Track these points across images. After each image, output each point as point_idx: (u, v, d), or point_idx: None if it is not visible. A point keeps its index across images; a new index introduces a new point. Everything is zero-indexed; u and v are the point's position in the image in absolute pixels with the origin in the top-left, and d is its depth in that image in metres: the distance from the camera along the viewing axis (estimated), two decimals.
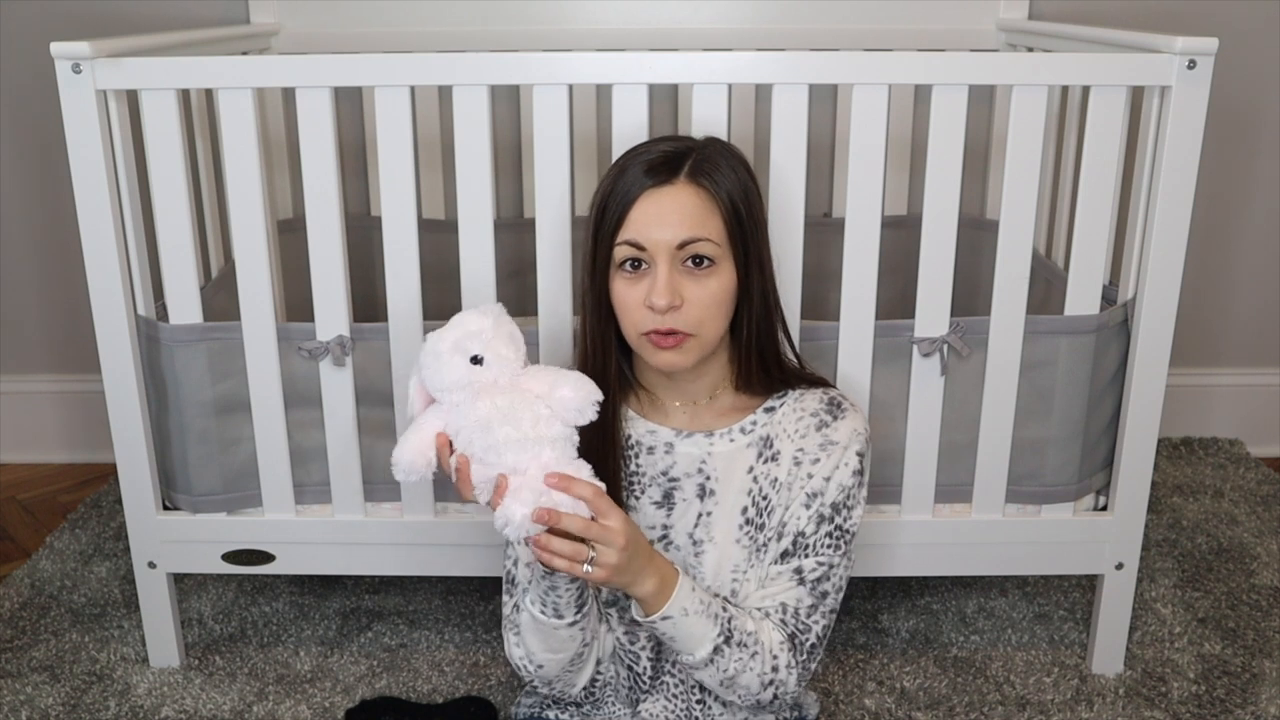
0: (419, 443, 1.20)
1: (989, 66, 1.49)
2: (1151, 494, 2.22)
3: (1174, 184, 1.52)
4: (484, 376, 1.18)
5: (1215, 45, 1.45)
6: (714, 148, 1.27)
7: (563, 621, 1.26)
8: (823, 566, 1.30)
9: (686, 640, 1.24)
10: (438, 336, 1.21)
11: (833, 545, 1.31)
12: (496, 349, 1.18)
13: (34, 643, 1.86)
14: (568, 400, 1.17)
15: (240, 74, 1.48)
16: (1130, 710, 1.69)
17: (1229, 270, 2.49)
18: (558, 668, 1.32)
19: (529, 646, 1.31)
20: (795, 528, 1.30)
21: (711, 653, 1.24)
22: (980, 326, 1.58)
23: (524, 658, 1.33)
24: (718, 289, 1.24)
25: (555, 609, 1.25)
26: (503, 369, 1.19)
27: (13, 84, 2.31)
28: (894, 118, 2.09)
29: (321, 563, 1.73)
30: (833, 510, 1.30)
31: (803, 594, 1.30)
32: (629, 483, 1.35)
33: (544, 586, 1.24)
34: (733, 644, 1.25)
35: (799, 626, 1.30)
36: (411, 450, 1.20)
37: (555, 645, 1.29)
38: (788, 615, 1.30)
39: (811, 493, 1.30)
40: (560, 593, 1.24)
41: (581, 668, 1.34)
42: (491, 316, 1.21)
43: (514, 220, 2.27)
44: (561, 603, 1.25)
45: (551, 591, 1.24)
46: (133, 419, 1.63)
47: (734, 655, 1.25)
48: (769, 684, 1.28)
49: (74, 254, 2.31)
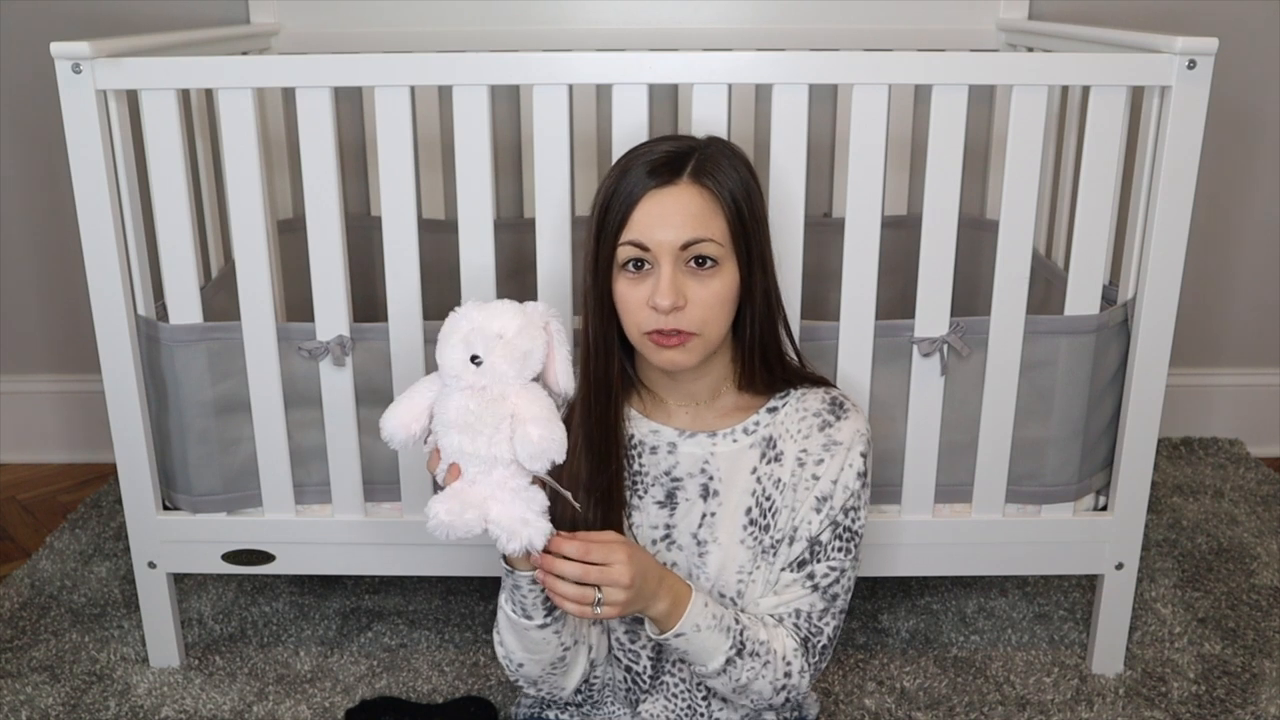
0: (408, 410, 1.20)
1: (989, 66, 1.49)
2: (1151, 494, 2.22)
3: (1174, 184, 1.52)
4: (474, 379, 1.17)
5: (1215, 45, 1.45)
6: (716, 147, 1.27)
7: (532, 622, 1.26)
8: (834, 571, 1.31)
9: (699, 654, 1.25)
10: (462, 315, 1.19)
11: (842, 549, 1.31)
12: (495, 360, 1.17)
13: (34, 643, 1.86)
14: (531, 437, 1.14)
15: (240, 74, 1.48)
16: (1130, 710, 1.69)
17: (1229, 270, 2.49)
18: (538, 669, 1.32)
19: (508, 645, 1.32)
20: (807, 533, 1.31)
21: (724, 664, 1.25)
22: (980, 326, 1.58)
23: (505, 656, 1.33)
24: (721, 289, 1.24)
25: (522, 609, 1.25)
26: (494, 379, 1.17)
27: (13, 84, 2.31)
28: (894, 118, 2.09)
29: (321, 563, 1.73)
30: (842, 513, 1.31)
31: (815, 599, 1.31)
32: (632, 482, 1.35)
33: (509, 585, 1.25)
34: (745, 654, 1.26)
35: (811, 630, 1.31)
36: (399, 416, 1.20)
37: (530, 646, 1.29)
38: (801, 620, 1.31)
39: (820, 496, 1.30)
40: (524, 592, 1.24)
41: (566, 671, 1.34)
42: (517, 324, 1.18)
43: (514, 220, 2.27)
44: (527, 603, 1.25)
45: (516, 590, 1.25)
46: (133, 419, 1.63)
47: (747, 665, 1.26)
48: (781, 689, 1.29)
49: (74, 254, 2.31)
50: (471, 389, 1.17)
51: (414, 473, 1.65)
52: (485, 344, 1.17)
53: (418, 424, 1.20)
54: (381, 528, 1.69)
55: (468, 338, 1.18)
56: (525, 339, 1.18)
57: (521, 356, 1.18)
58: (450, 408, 1.17)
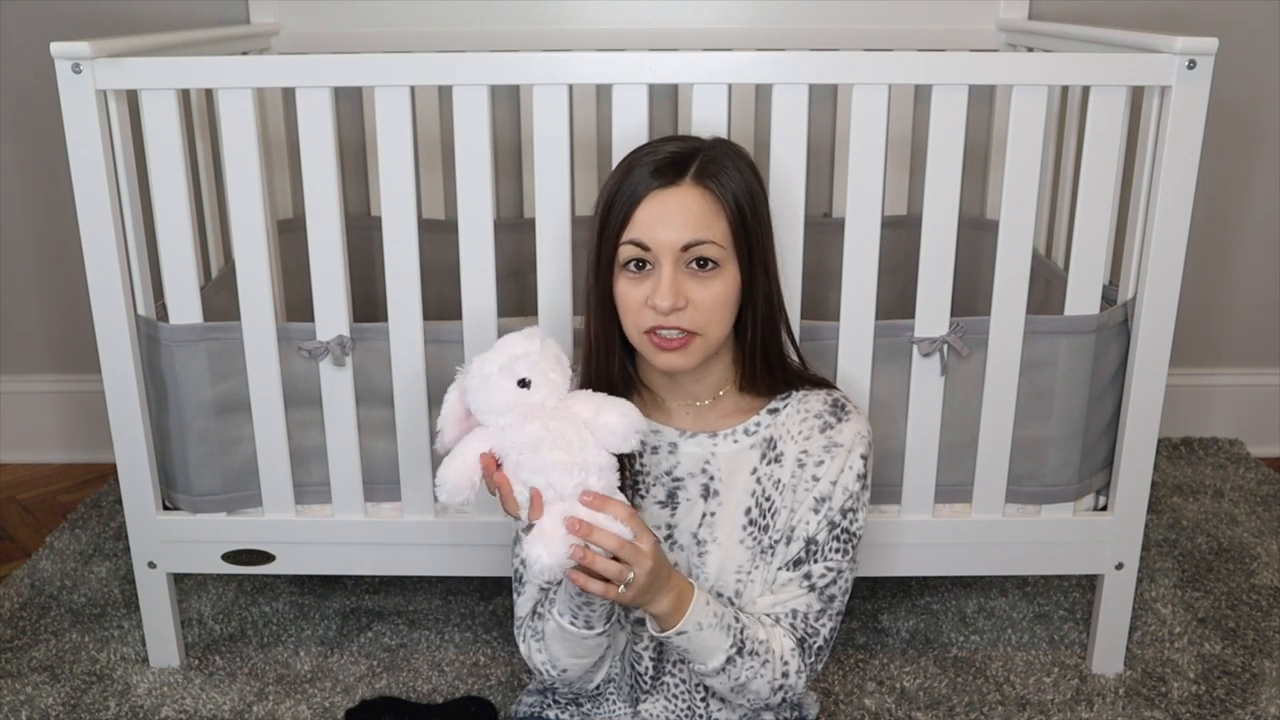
0: (463, 465, 1.21)
1: (989, 66, 1.49)
2: (1151, 494, 2.22)
3: (1174, 184, 1.52)
4: (532, 399, 1.18)
5: (1215, 45, 1.45)
6: (720, 149, 1.27)
7: (593, 632, 1.27)
8: (831, 572, 1.31)
9: (700, 652, 1.25)
10: (484, 359, 1.20)
11: (840, 550, 1.31)
12: (544, 371, 1.18)
13: (34, 643, 1.86)
14: (612, 426, 1.17)
15: (240, 74, 1.48)
16: (1130, 710, 1.69)
17: (1229, 270, 2.49)
18: (581, 670, 1.33)
19: (553, 653, 1.32)
20: (804, 533, 1.31)
21: (724, 663, 1.26)
22: (980, 326, 1.58)
23: (546, 663, 1.33)
24: (722, 291, 1.24)
25: (587, 621, 1.26)
26: (550, 392, 1.19)
27: (13, 84, 2.31)
28: (894, 118, 2.09)
29: (321, 563, 1.73)
30: (840, 515, 1.31)
31: (812, 600, 1.31)
32: (633, 482, 1.35)
33: (578, 602, 1.25)
34: (745, 653, 1.26)
35: (808, 630, 1.31)
36: (455, 472, 1.20)
37: (582, 652, 1.30)
38: (797, 620, 1.31)
39: (819, 497, 1.31)
40: (594, 607, 1.25)
41: (600, 665, 1.36)
42: (538, 339, 1.21)
43: (514, 220, 2.27)
44: (594, 615, 1.26)
45: (585, 606, 1.25)
46: (133, 419, 1.63)
47: (746, 664, 1.26)
48: (778, 689, 1.30)
49: (74, 254, 2.31)
50: (534, 411, 1.18)
51: (414, 473, 1.65)
52: (528, 365, 1.18)
53: (476, 474, 1.21)
54: (381, 528, 1.69)
55: (508, 367, 1.18)
56: (550, 347, 1.21)
57: (558, 361, 1.20)
58: (528, 433, 1.17)
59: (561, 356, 1.22)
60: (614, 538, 1.15)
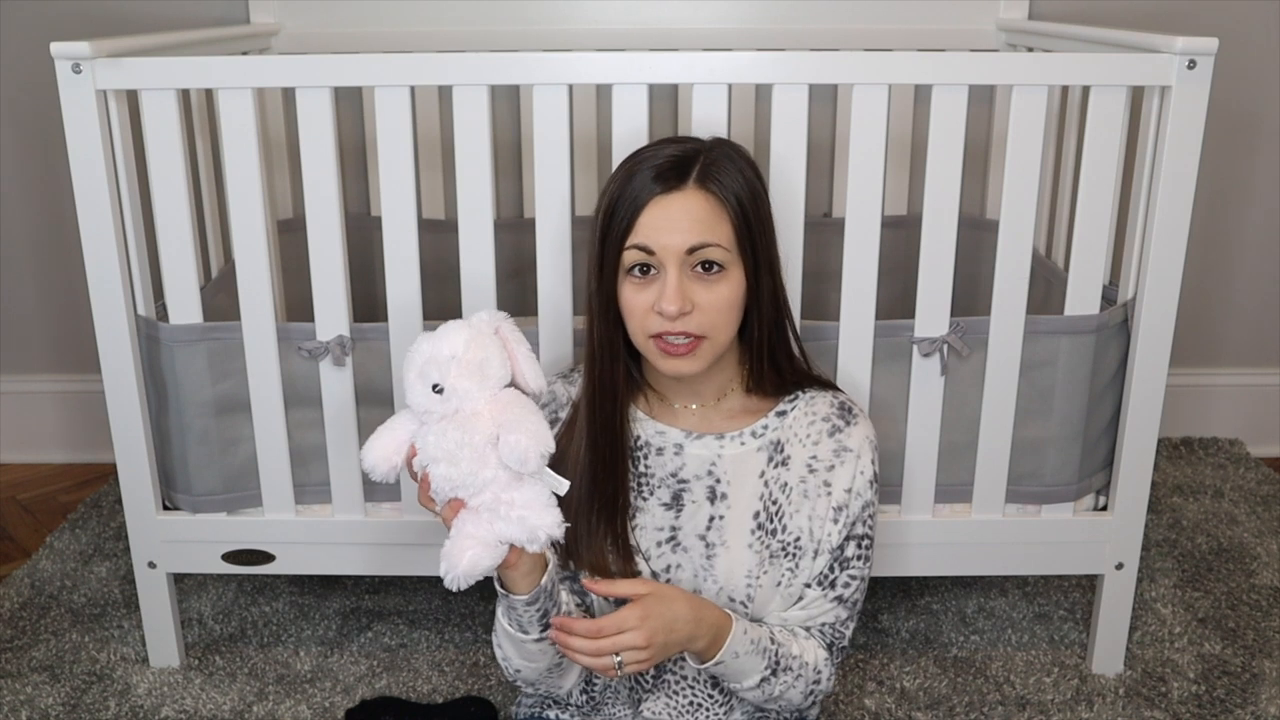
0: (387, 446, 1.21)
1: (989, 66, 1.49)
2: (1151, 494, 2.22)
3: (1174, 184, 1.52)
4: (443, 407, 1.17)
5: (1215, 45, 1.45)
6: (721, 150, 1.27)
7: (528, 636, 1.26)
8: (855, 580, 1.33)
9: (735, 675, 1.27)
10: (415, 351, 1.20)
11: (861, 555, 1.33)
12: (454, 381, 1.16)
13: (34, 643, 1.86)
14: (514, 445, 1.14)
15: (240, 74, 1.48)
16: (1130, 710, 1.69)
17: (1229, 270, 2.49)
18: (534, 674, 1.33)
19: (506, 651, 1.32)
20: (829, 545, 1.31)
21: (759, 682, 1.28)
22: (980, 326, 1.58)
23: (503, 660, 1.34)
24: (727, 293, 1.24)
25: (519, 625, 1.26)
26: (462, 401, 1.17)
27: (13, 84, 2.31)
28: (894, 118, 2.09)
29: (321, 563, 1.73)
30: (860, 523, 1.32)
31: (840, 610, 1.33)
32: (637, 484, 1.35)
33: (504, 605, 1.26)
34: (780, 670, 1.28)
35: (835, 636, 1.34)
36: (379, 451, 1.21)
37: (527, 655, 1.29)
38: (827, 630, 1.33)
39: (837, 506, 1.31)
40: (519, 612, 1.25)
41: (564, 674, 1.35)
42: (464, 339, 1.18)
43: (514, 220, 2.27)
44: (524, 620, 1.25)
45: (511, 610, 1.25)
46: (133, 419, 1.63)
47: (781, 680, 1.28)
48: (810, 694, 1.32)
49: (74, 254, 2.31)
50: (445, 418, 1.17)
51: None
52: (440, 370, 1.17)
53: (399, 455, 1.21)
54: (381, 528, 1.69)
55: (423, 371, 1.18)
56: (476, 350, 1.17)
57: (478, 369, 1.17)
58: (429, 443, 1.17)
59: (489, 359, 1.18)
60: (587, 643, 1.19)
